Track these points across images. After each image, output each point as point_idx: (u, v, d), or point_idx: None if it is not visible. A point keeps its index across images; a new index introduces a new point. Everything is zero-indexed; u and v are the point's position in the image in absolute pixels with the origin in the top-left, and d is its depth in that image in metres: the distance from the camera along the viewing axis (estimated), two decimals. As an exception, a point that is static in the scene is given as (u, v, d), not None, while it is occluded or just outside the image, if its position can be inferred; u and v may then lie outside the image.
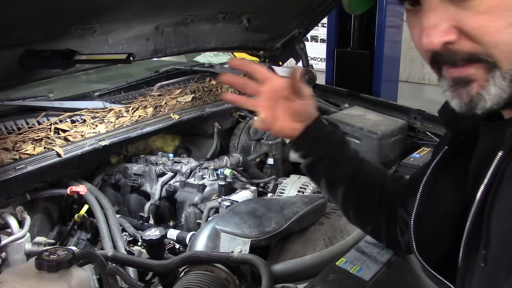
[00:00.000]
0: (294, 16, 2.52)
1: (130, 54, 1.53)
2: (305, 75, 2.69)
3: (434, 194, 0.92)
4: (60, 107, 1.86)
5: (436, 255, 0.90)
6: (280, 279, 1.20)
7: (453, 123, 0.87)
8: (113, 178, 1.83)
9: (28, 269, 1.07)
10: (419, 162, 2.05)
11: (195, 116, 2.06)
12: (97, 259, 1.21)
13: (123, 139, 1.79)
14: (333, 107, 2.51)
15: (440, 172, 0.91)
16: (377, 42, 4.50)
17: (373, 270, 1.10)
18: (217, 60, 2.85)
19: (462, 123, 0.85)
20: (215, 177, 1.72)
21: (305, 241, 1.39)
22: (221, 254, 1.19)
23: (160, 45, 2.06)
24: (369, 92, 4.13)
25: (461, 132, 0.88)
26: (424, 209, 0.93)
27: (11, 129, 1.69)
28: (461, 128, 0.87)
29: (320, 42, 5.84)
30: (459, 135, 0.89)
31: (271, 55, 2.75)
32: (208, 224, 1.33)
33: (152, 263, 1.23)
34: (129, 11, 1.69)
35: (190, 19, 2.06)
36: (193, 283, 1.10)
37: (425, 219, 0.93)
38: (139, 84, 2.27)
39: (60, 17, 1.50)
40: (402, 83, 5.24)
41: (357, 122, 2.24)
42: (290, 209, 1.39)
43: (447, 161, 0.90)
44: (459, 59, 0.67)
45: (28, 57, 1.54)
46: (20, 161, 1.50)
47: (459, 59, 0.67)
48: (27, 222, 1.46)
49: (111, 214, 1.57)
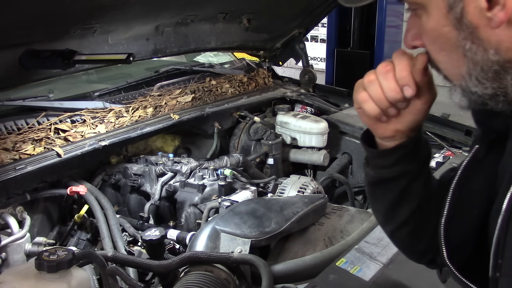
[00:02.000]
0: (294, 16, 2.52)
1: (130, 54, 1.54)
2: (305, 75, 2.70)
3: (465, 195, 0.86)
4: (60, 107, 1.85)
5: (464, 258, 0.85)
6: (280, 279, 1.20)
7: (484, 120, 0.83)
8: (113, 178, 1.83)
9: (28, 269, 1.07)
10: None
11: (195, 116, 2.06)
12: (97, 259, 1.21)
13: (123, 139, 1.79)
14: (333, 107, 2.51)
15: (472, 171, 0.85)
16: (377, 42, 4.51)
17: (373, 270, 1.10)
18: (217, 60, 2.85)
19: (495, 120, 0.79)
20: (215, 177, 1.71)
21: (305, 241, 1.39)
22: (221, 255, 1.19)
23: (160, 45, 2.06)
24: (369, 92, 4.13)
25: (492, 130, 0.83)
26: (454, 213, 0.86)
27: (11, 129, 1.69)
28: (493, 127, 0.81)
29: (320, 42, 5.84)
30: (490, 132, 0.83)
31: (271, 55, 2.75)
32: (208, 224, 1.33)
33: (152, 264, 1.23)
34: (129, 11, 1.69)
35: (190, 19, 2.07)
36: (193, 283, 1.10)
37: (455, 222, 0.86)
38: (139, 84, 2.27)
39: (60, 17, 1.50)
40: (402, 83, 5.24)
41: (357, 122, 2.24)
42: (290, 209, 1.39)
43: (479, 160, 0.85)
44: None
45: (28, 57, 1.54)
46: (20, 161, 1.50)
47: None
48: (27, 222, 1.46)
49: (111, 214, 1.56)
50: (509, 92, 0.69)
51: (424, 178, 0.92)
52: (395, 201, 0.93)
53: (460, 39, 0.68)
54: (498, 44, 0.66)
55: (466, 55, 0.69)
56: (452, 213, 0.86)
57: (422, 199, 0.93)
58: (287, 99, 2.52)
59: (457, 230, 0.86)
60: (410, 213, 0.95)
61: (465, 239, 0.85)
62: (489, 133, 0.83)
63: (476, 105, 0.73)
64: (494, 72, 0.68)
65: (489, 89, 0.69)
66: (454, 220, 0.86)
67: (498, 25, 0.64)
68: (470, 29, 0.67)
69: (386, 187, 0.92)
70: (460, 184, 0.85)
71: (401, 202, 0.93)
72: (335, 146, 2.25)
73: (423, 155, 0.91)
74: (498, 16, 0.64)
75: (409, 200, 0.92)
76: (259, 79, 2.61)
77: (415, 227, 0.97)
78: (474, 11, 0.66)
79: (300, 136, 2.15)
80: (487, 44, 0.67)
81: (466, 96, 0.72)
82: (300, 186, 1.74)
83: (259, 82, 2.59)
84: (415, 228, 0.97)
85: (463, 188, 0.85)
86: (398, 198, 0.92)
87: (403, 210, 0.94)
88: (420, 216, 0.95)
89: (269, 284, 1.09)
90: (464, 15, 0.66)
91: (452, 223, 0.86)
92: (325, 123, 2.14)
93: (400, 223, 0.97)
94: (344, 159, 2.22)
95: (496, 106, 0.71)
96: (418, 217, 0.95)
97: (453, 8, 0.67)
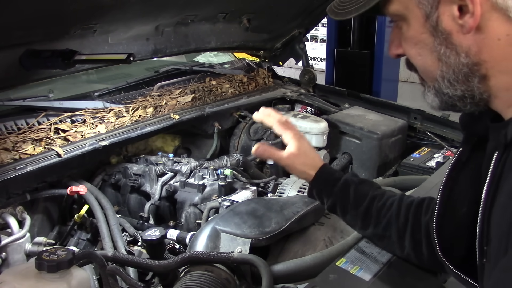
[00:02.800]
0: (294, 16, 2.52)
1: (130, 54, 1.53)
2: (305, 75, 2.70)
3: (453, 195, 0.95)
4: (60, 107, 1.85)
5: (460, 255, 0.93)
6: (280, 279, 1.20)
7: (468, 125, 0.92)
8: (113, 178, 1.83)
9: (28, 269, 1.07)
10: (419, 162, 2.05)
11: (195, 116, 2.06)
12: (97, 259, 1.21)
13: (123, 139, 1.79)
14: (333, 107, 2.51)
15: (457, 173, 0.94)
16: (377, 42, 4.50)
17: (373, 270, 1.10)
18: (217, 60, 2.85)
19: (477, 125, 0.88)
20: (215, 177, 1.71)
21: (305, 241, 1.39)
22: (221, 254, 1.19)
23: (160, 45, 2.06)
24: (369, 92, 4.14)
25: (474, 134, 0.91)
26: (445, 210, 0.95)
27: (11, 129, 1.69)
28: (476, 130, 0.90)
29: (320, 42, 5.84)
30: (472, 136, 0.92)
31: (271, 55, 2.75)
32: (208, 224, 1.33)
33: (152, 263, 1.23)
34: (129, 11, 1.69)
35: (190, 19, 2.07)
36: (193, 283, 1.10)
37: (446, 220, 0.95)
38: (139, 84, 2.27)
39: (60, 17, 1.50)
40: (402, 83, 5.24)
41: (357, 122, 2.24)
42: (290, 209, 1.39)
43: (463, 162, 0.94)
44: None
45: (28, 57, 1.54)
46: (20, 161, 1.50)
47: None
48: (27, 222, 1.46)
49: (111, 214, 1.56)
50: (476, 94, 0.78)
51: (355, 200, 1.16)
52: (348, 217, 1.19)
53: (436, 44, 0.78)
54: (469, 48, 0.76)
55: (441, 59, 0.79)
56: (443, 211, 0.96)
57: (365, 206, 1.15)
58: (287, 99, 2.52)
59: (448, 227, 0.95)
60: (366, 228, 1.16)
61: (456, 235, 0.94)
62: (472, 137, 0.93)
63: (446, 106, 0.84)
64: (464, 74, 0.77)
65: (459, 91, 0.79)
66: (445, 217, 0.96)
67: (468, 30, 0.74)
68: (445, 35, 0.77)
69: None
70: (447, 185, 0.96)
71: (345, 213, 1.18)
72: (335, 146, 2.25)
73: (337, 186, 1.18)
74: (468, 23, 0.73)
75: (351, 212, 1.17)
76: (259, 79, 2.61)
77: (379, 237, 1.17)
78: (447, 19, 0.76)
79: (300, 136, 2.14)
80: (459, 48, 0.76)
81: (438, 97, 0.83)
82: (300, 186, 1.74)
83: (259, 82, 2.59)
84: (381, 238, 1.17)
85: (451, 189, 0.95)
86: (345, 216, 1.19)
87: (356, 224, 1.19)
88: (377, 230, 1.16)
89: (269, 284, 1.10)
90: (439, 23, 0.76)
91: (443, 220, 0.96)
92: (325, 123, 2.14)
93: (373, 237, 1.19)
94: (344, 159, 2.22)
95: (464, 107, 0.82)
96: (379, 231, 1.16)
97: (429, 17, 0.77)
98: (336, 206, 1.19)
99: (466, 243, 0.90)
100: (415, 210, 1.12)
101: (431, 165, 2.02)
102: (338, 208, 1.20)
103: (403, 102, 2.70)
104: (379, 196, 1.18)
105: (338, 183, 1.19)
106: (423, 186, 1.53)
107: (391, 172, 2.16)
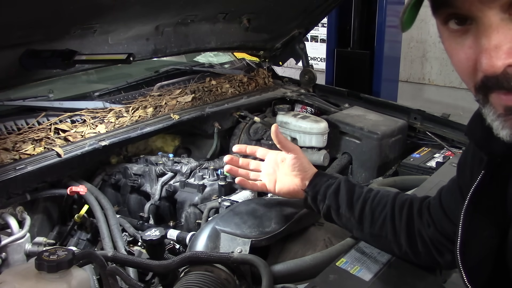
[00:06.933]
0: (294, 16, 2.52)
1: (130, 54, 1.53)
2: (305, 75, 2.70)
3: (476, 220, 0.87)
4: (60, 107, 1.85)
5: (485, 278, 0.87)
6: (280, 279, 1.20)
7: (485, 143, 0.79)
8: (113, 178, 1.83)
9: (28, 269, 1.07)
10: (419, 162, 2.05)
11: (195, 116, 2.07)
12: (97, 259, 1.20)
13: (123, 139, 1.79)
14: (333, 107, 2.51)
15: (480, 197, 0.85)
16: (377, 42, 4.50)
17: (373, 270, 1.10)
18: (217, 60, 2.85)
19: (495, 143, 0.72)
20: (215, 177, 1.71)
21: (305, 241, 1.39)
22: (221, 255, 1.19)
23: (160, 45, 2.06)
24: (369, 92, 4.14)
25: (496, 154, 0.80)
26: (467, 236, 0.87)
27: (11, 129, 1.69)
28: (495, 149, 0.78)
29: (320, 42, 5.84)
30: (494, 157, 0.81)
31: (271, 55, 2.76)
32: (208, 224, 1.33)
33: (152, 264, 1.23)
34: (129, 11, 1.69)
35: (190, 19, 2.07)
36: (193, 283, 1.10)
37: (469, 246, 0.88)
38: (139, 84, 2.27)
39: (60, 17, 1.50)
40: (402, 83, 5.25)
41: (357, 122, 2.24)
42: (290, 209, 1.39)
43: (486, 185, 0.84)
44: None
45: (28, 57, 1.54)
46: (20, 161, 1.50)
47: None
48: (27, 222, 1.46)
49: (111, 214, 1.56)
50: None
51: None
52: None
53: None
54: None
55: None
56: (465, 238, 0.87)
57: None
58: (287, 99, 2.52)
59: (472, 253, 0.87)
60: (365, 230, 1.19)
61: (480, 260, 0.87)
62: (493, 158, 0.81)
63: None
64: None
65: None
66: (468, 244, 0.87)
67: None
68: None
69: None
70: (469, 211, 0.86)
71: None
72: (335, 146, 2.25)
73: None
74: None
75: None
76: (259, 79, 2.61)
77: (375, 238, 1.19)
78: None
79: (300, 136, 2.15)
80: None
81: None
82: (300, 186, 1.74)
83: (259, 82, 2.59)
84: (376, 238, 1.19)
85: (473, 214, 0.86)
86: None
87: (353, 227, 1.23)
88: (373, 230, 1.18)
89: (269, 284, 1.09)
90: None
91: (467, 248, 0.88)
92: (325, 123, 2.14)
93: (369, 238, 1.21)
94: (344, 159, 2.22)
95: None
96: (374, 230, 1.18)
97: None
98: (330, 210, 1.23)
99: (491, 266, 0.86)
100: (408, 209, 1.13)
101: (431, 165, 2.02)
102: (332, 211, 1.23)
103: (403, 102, 2.71)
104: (372, 195, 1.19)
105: (331, 187, 1.23)
106: (423, 186, 1.53)
107: (391, 172, 2.15)
